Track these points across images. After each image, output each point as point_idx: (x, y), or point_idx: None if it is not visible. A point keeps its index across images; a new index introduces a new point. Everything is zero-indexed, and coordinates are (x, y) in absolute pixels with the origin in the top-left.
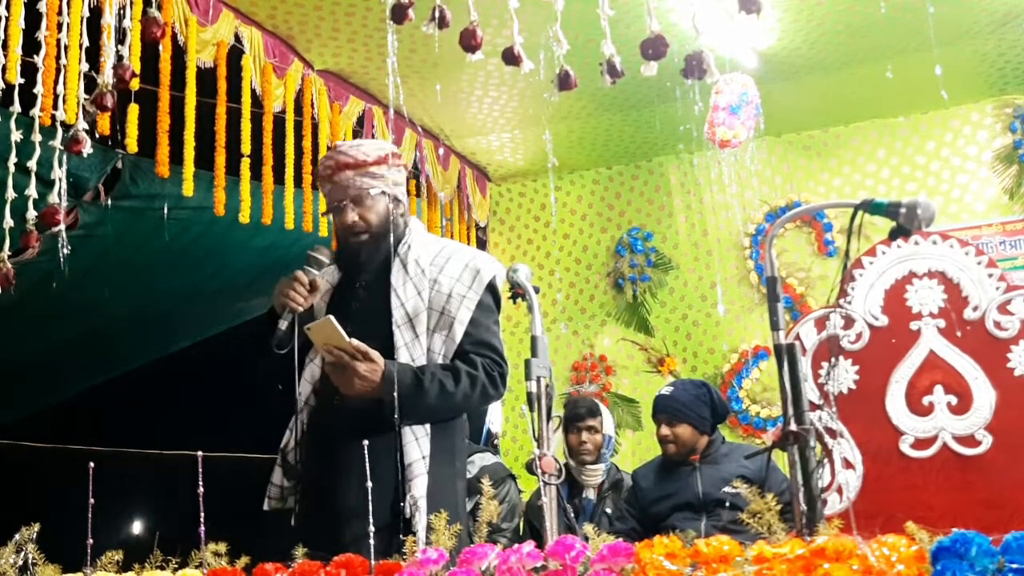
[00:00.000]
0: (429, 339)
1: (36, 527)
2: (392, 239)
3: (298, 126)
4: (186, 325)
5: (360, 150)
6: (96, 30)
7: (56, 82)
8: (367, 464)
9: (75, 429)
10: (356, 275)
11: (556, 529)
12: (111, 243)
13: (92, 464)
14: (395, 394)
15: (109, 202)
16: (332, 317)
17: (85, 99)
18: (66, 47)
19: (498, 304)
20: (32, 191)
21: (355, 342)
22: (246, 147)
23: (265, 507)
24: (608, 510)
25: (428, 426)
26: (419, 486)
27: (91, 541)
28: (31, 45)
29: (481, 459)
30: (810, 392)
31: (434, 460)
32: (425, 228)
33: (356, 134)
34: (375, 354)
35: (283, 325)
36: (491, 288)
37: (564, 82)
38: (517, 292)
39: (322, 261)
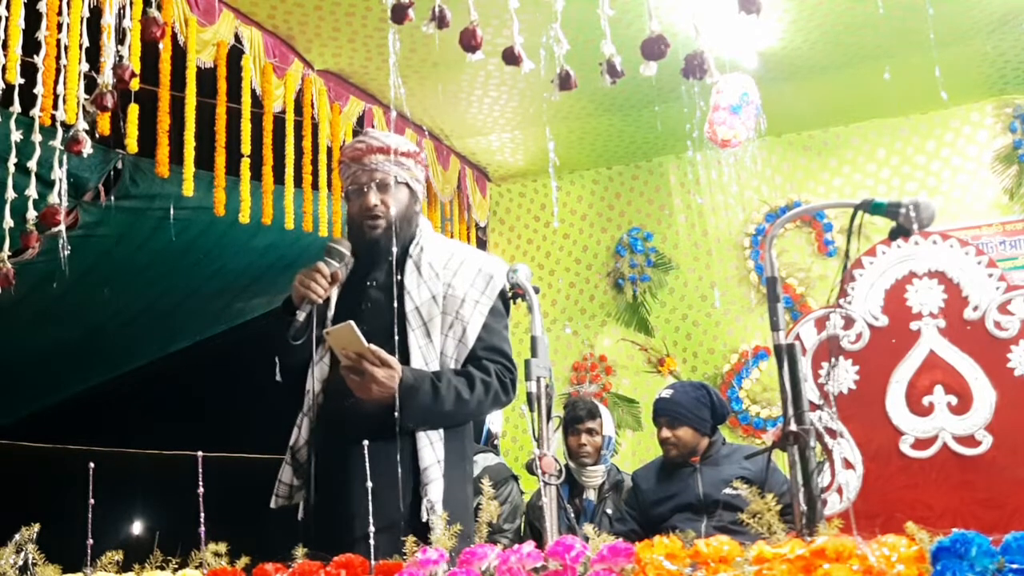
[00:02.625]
0: (442, 342)
1: (36, 527)
2: (403, 236)
3: (298, 126)
4: (186, 325)
5: (391, 139)
6: (96, 30)
7: (56, 82)
8: (370, 465)
9: (75, 429)
10: (368, 269)
11: (556, 529)
12: (111, 243)
13: (92, 464)
14: (412, 400)
15: (111, 202)
16: (352, 323)
17: (85, 99)
18: (66, 47)
19: (508, 309)
20: (32, 191)
21: (374, 348)
22: (246, 147)
23: (272, 505)
24: (609, 511)
25: (441, 430)
26: (435, 490)
27: (91, 541)
28: (31, 45)
29: (484, 459)
30: (810, 392)
31: (448, 464)
32: (432, 228)
33: (356, 134)
34: (394, 360)
35: (301, 317)
36: (502, 294)
37: (564, 82)
38: (517, 292)
39: (343, 253)
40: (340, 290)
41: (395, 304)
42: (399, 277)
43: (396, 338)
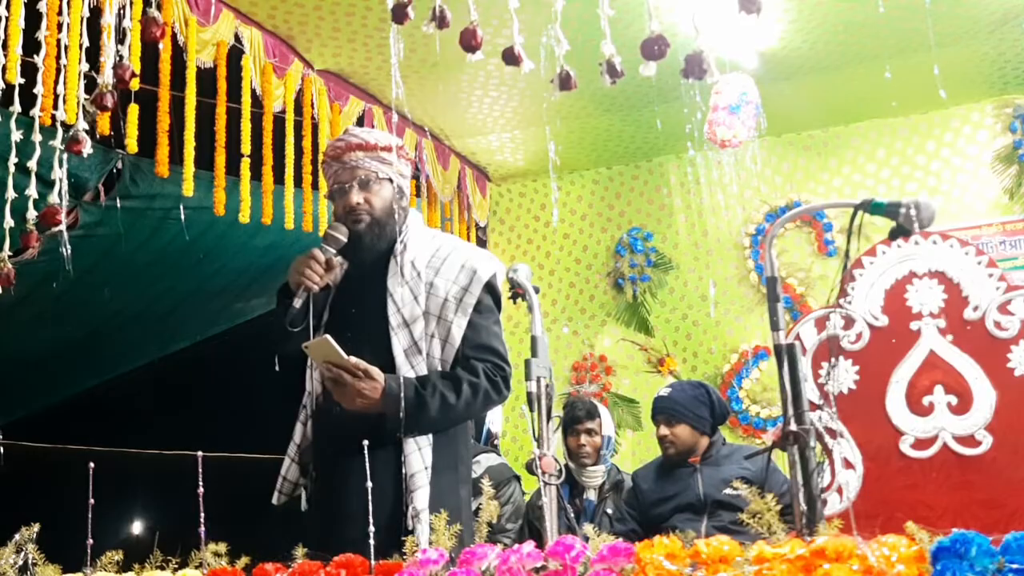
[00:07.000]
0: (428, 344)
1: (36, 527)
2: (390, 233)
3: (298, 126)
4: (186, 325)
5: (372, 135)
6: (96, 30)
7: (56, 82)
8: (367, 467)
9: (75, 429)
10: (357, 270)
11: (556, 529)
12: (111, 243)
13: (92, 464)
14: (396, 409)
15: (111, 202)
16: (328, 336)
17: (85, 99)
18: (66, 47)
19: (498, 303)
20: (32, 191)
21: (354, 360)
22: (246, 147)
23: (275, 501)
24: (609, 511)
25: (430, 436)
26: (421, 498)
27: (91, 541)
28: (31, 45)
29: (486, 459)
30: (810, 392)
31: (436, 470)
32: (424, 222)
33: None
34: (375, 371)
35: (297, 303)
36: (489, 288)
37: (565, 83)
38: (517, 292)
39: (340, 239)
40: (335, 291)
41: (378, 307)
42: (382, 279)
43: (380, 340)
